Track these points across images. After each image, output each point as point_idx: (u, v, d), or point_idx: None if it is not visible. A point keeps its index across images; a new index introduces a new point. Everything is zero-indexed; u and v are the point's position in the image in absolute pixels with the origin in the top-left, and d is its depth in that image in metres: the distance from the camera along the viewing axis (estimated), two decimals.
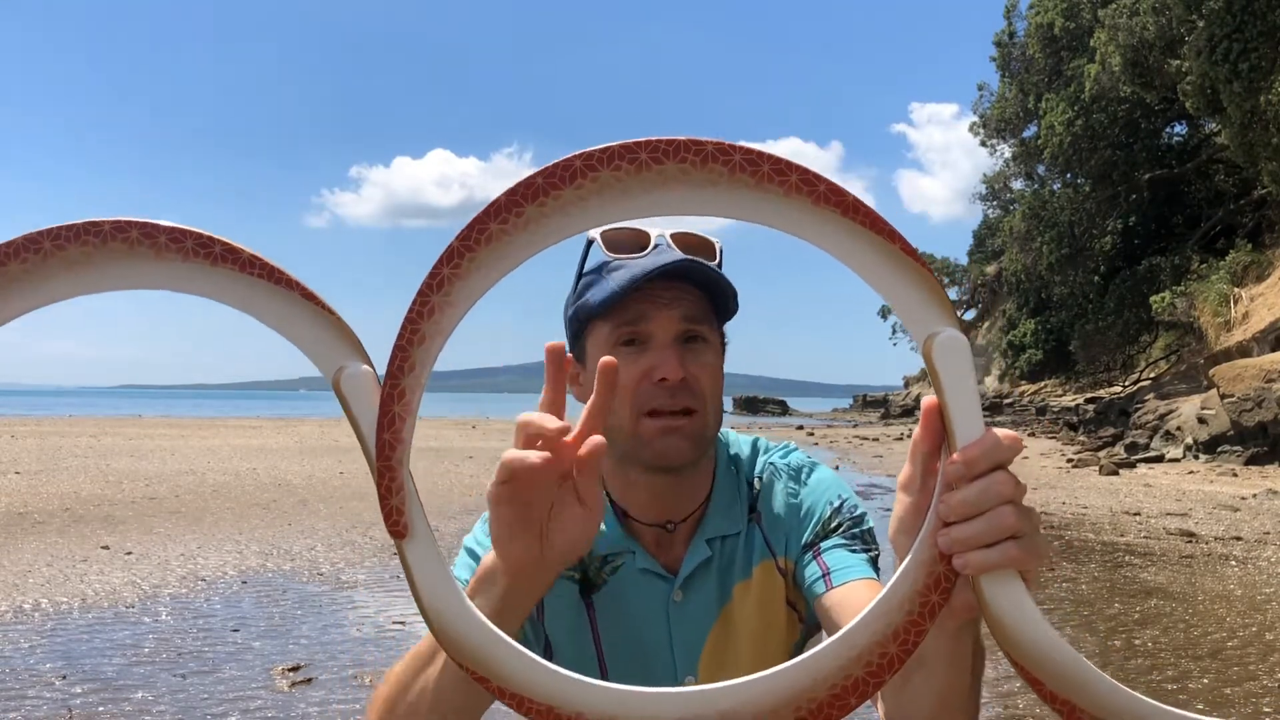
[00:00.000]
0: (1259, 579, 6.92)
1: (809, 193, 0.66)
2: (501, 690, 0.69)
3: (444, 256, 0.67)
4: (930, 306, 0.67)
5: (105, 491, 11.38)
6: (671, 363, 1.11)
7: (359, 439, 0.69)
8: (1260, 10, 16.93)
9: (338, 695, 4.32)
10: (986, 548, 0.66)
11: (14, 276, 0.66)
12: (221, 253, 0.67)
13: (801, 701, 0.67)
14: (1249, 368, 15.01)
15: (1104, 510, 10.40)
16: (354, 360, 0.69)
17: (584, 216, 0.67)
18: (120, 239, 0.66)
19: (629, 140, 0.66)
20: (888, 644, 0.67)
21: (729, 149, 0.65)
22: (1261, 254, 21.59)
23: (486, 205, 0.67)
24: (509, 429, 5.08)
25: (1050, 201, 28.89)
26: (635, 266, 1.12)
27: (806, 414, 60.54)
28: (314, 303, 0.69)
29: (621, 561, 1.21)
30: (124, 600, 6.07)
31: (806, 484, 1.25)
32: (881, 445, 23.58)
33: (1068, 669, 0.67)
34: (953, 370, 0.66)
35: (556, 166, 0.66)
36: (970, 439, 0.66)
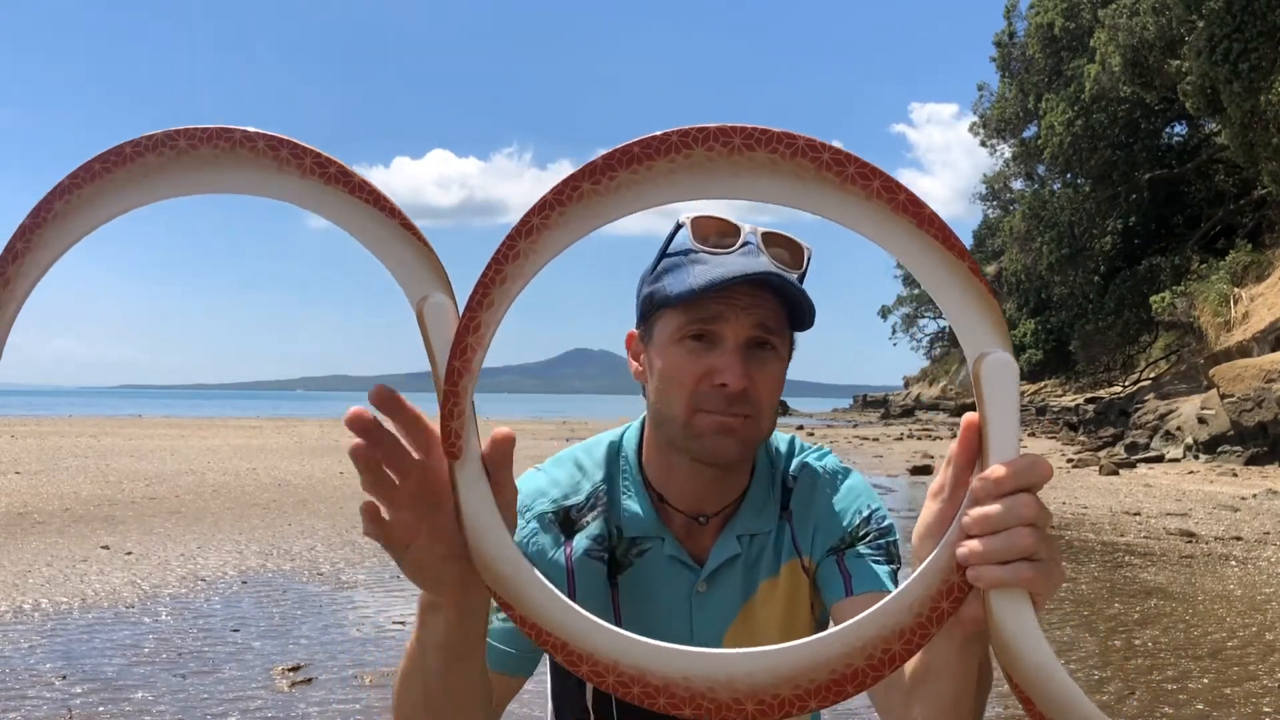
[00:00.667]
0: (1259, 579, 6.92)
1: (889, 200, 0.68)
2: (523, 619, 0.73)
3: (535, 207, 0.70)
4: (987, 327, 0.69)
5: (105, 491, 11.38)
6: (736, 370, 1.09)
7: (432, 366, 0.72)
8: (1260, 10, 16.93)
9: (338, 695, 4.32)
10: (1001, 565, 0.68)
11: (151, 167, 0.71)
12: (336, 174, 0.71)
13: (801, 680, 0.69)
14: (1249, 368, 15.01)
15: (1104, 510, 10.40)
16: (439, 291, 0.72)
17: (672, 189, 0.69)
18: (248, 147, 0.71)
19: (726, 124, 0.69)
20: (892, 641, 0.70)
21: (820, 146, 0.68)
22: (1261, 254, 21.58)
23: (581, 167, 0.70)
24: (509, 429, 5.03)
25: (1050, 201, 28.88)
26: (720, 266, 1.09)
27: (806, 414, 60.53)
28: (411, 232, 0.72)
29: (650, 546, 1.21)
30: (124, 600, 6.07)
31: (840, 489, 1.26)
32: (881, 445, 23.58)
33: (1060, 693, 0.69)
34: (999, 391, 0.69)
35: (654, 138, 0.69)
36: (1004, 459, 0.68)
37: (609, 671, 0.71)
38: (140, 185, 0.71)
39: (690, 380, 1.11)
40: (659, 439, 1.20)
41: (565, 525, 1.21)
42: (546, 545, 1.19)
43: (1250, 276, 21.00)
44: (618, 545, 1.21)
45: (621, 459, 1.25)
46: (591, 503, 1.22)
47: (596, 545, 1.20)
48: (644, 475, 1.23)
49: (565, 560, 1.19)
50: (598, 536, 1.20)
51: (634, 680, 0.70)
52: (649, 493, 1.22)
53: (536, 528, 1.20)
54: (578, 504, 1.22)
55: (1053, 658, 0.69)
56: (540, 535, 1.20)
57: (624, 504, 1.22)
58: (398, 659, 0.98)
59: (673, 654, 0.70)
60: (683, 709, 0.70)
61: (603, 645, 0.71)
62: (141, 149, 0.71)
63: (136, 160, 0.71)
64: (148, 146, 0.71)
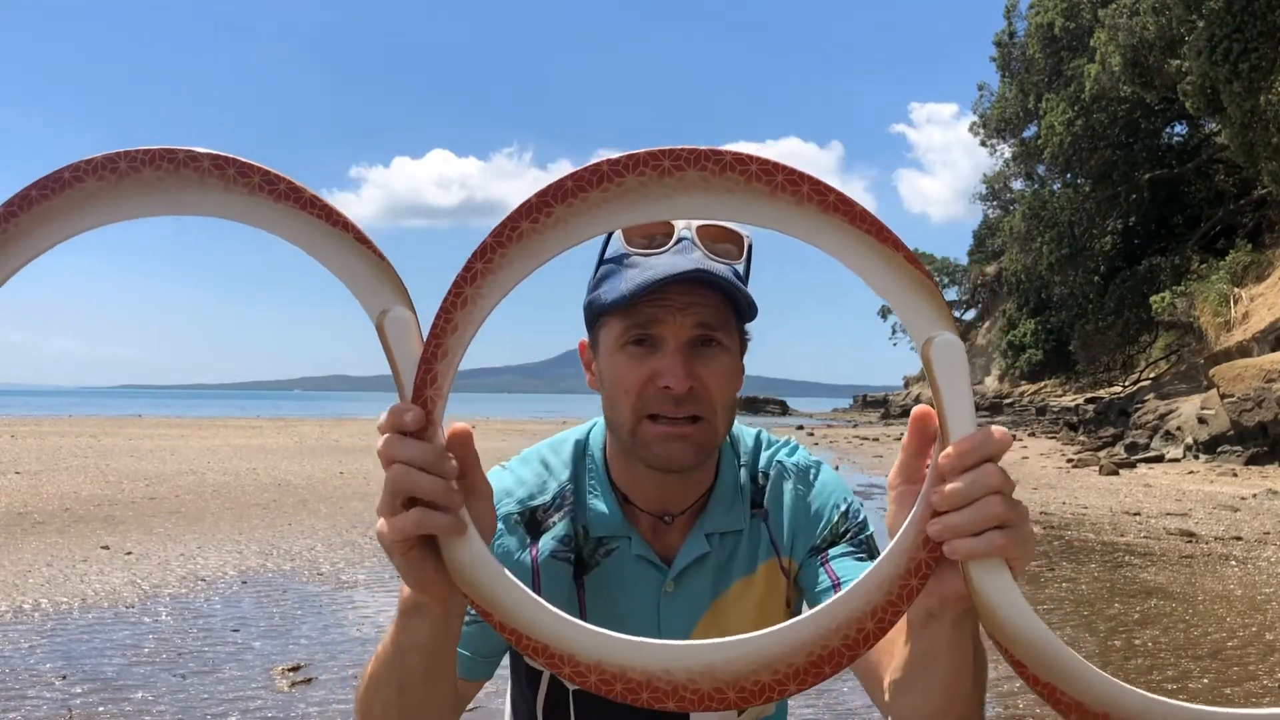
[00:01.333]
0: (1259, 579, 6.92)
1: (819, 202, 0.70)
2: (501, 624, 0.73)
3: (478, 252, 0.71)
4: (930, 311, 0.71)
5: (105, 491, 11.38)
6: (678, 372, 1.07)
7: (396, 381, 0.73)
8: (1260, 10, 16.93)
9: (338, 695, 4.32)
10: (974, 536, 0.70)
11: (91, 192, 0.70)
12: (285, 190, 0.71)
13: (780, 665, 0.71)
14: (1249, 368, 15.01)
15: (1104, 510, 10.40)
16: (398, 304, 0.73)
17: (610, 218, 0.71)
18: (192, 167, 0.70)
19: (653, 148, 0.70)
20: (865, 620, 0.72)
21: (746, 159, 0.70)
22: (1261, 254, 21.58)
23: (519, 205, 0.71)
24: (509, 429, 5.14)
25: (1050, 201, 28.88)
26: (651, 268, 1.08)
27: (806, 414, 60.51)
28: (366, 246, 0.72)
29: (616, 545, 1.20)
30: (124, 600, 6.07)
31: (814, 485, 1.25)
32: (881, 445, 23.58)
33: (1050, 654, 0.70)
34: (948, 371, 0.71)
35: (585, 171, 0.71)
36: (963, 434, 0.71)
37: (591, 671, 0.71)
38: (82, 211, 0.69)
39: (634, 386, 1.10)
40: (616, 443, 1.19)
41: (531, 526, 1.20)
42: (512, 547, 1.18)
43: (1250, 276, 21.00)
44: (584, 545, 1.20)
45: (588, 458, 1.24)
46: (558, 503, 1.21)
47: (563, 546, 1.19)
48: (609, 475, 1.22)
49: (531, 562, 1.18)
50: (564, 537, 1.19)
51: (616, 678, 0.71)
52: (615, 493, 1.21)
53: (502, 529, 1.19)
54: (544, 504, 1.21)
55: (1039, 621, 0.70)
56: (505, 537, 1.19)
57: (590, 503, 1.21)
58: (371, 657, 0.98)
59: (653, 648, 0.71)
60: (666, 702, 0.71)
61: (583, 645, 0.72)
62: (81, 173, 0.69)
63: (76, 186, 0.69)
64: (87, 171, 0.69)
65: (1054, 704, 0.71)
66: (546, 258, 0.72)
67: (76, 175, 0.69)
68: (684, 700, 0.70)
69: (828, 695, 4.44)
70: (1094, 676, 0.70)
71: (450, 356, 0.72)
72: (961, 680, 0.86)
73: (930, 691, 0.88)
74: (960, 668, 0.85)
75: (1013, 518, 0.70)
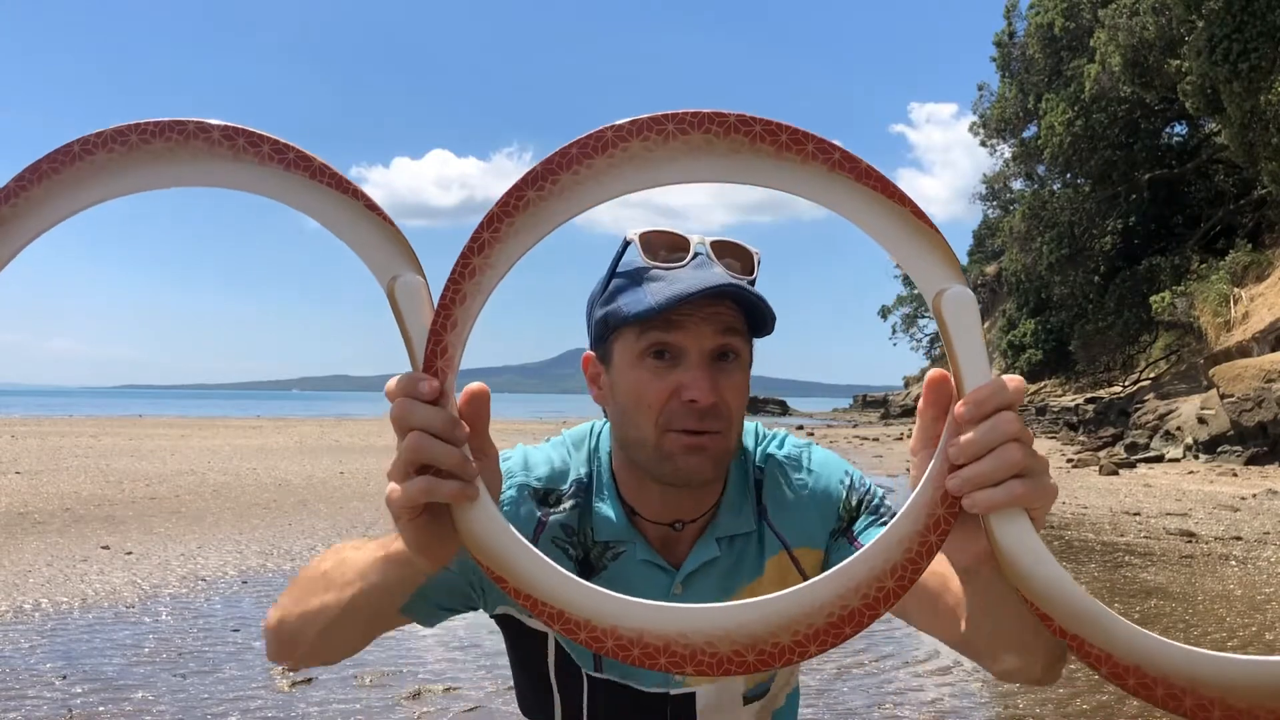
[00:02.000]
0: (1259, 579, 6.92)
1: (824, 160, 0.70)
2: (516, 590, 0.72)
3: (484, 222, 0.71)
4: (940, 264, 0.71)
5: (105, 491, 11.38)
6: (703, 385, 1.07)
7: (408, 347, 0.73)
8: (1260, 10, 16.92)
9: (338, 695, 4.32)
10: (993, 487, 0.69)
11: (101, 165, 0.70)
12: (295, 159, 0.71)
13: (799, 626, 0.70)
14: (1249, 368, 15.01)
15: (1104, 510, 10.40)
16: (409, 270, 0.73)
17: (615, 183, 0.70)
18: (203, 138, 0.70)
19: (657, 113, 0.70)
20: (885, 579, 0.71)
21: (750, 120, 0.70)
22: (1261, 254, 21.58)
23: (524, 174, 0.71)
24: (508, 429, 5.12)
25: (1050, 201, 28.87)
26: (676, 281, 1.07)
27: (806, 414, 60.53)
28: (376, 213, 0.72)
29: (623, 549, 1.20)
30: (124, 600, 6.07)
31: (810, 469, 1.25)
32: (882, 445, 23.58)
33: (1076, 605, 0.70)
34: (961, 323, 0.71)
35: (590, 137, 0.70)
36: (978, 384, 0.70)
37: (608, 635, 0.71)
38: (93, 183, 0.70)
39: (657, 400, 1.08)
40: (624, 458, 1.18)
41: (542, 502, 1.21)
42: (520, 517, 1.19)
43: (1250, 276, 20.99)
44: (591, 548, 1.20)
45: (596, 461, 1.24)
46: (571, 490, 1.21)
47: (564, 535, 1.19)
48: (618, 489, 1.21)
49: (534, 536, 1.18)
50: (568, 526, 1.20)
51: (634, 642, 0.70)
52: (621, 504, 1.21)
53: (515, 496, 1.19)
54: (560, 490, 1.21)
55: (1063, 571, 0.70)
56: (518, 504, 1.19)
57: (597, 507, 1.21)
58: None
59: (670, 611, 0.71)
60: (684, 666, 0.70)
61: (599, 609, 0.71)
62: (91, 146, 0.69)
63: (86, 158, 0.69)
64: (98, 143, 0.69)
65: (1082, 656, 0.70)
66: (553, 226, 0.71)
67: (87, 148, 0.69)
68: (701, 664, 0.70)
69: (828, 695, 4.44)
70: (1123, 628, 0.69)
71: (460, 328, 0.72)
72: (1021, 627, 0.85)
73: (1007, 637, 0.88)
74: (1014, 617, 0.84)
75: (1032, 465, 0.70)
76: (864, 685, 4.55)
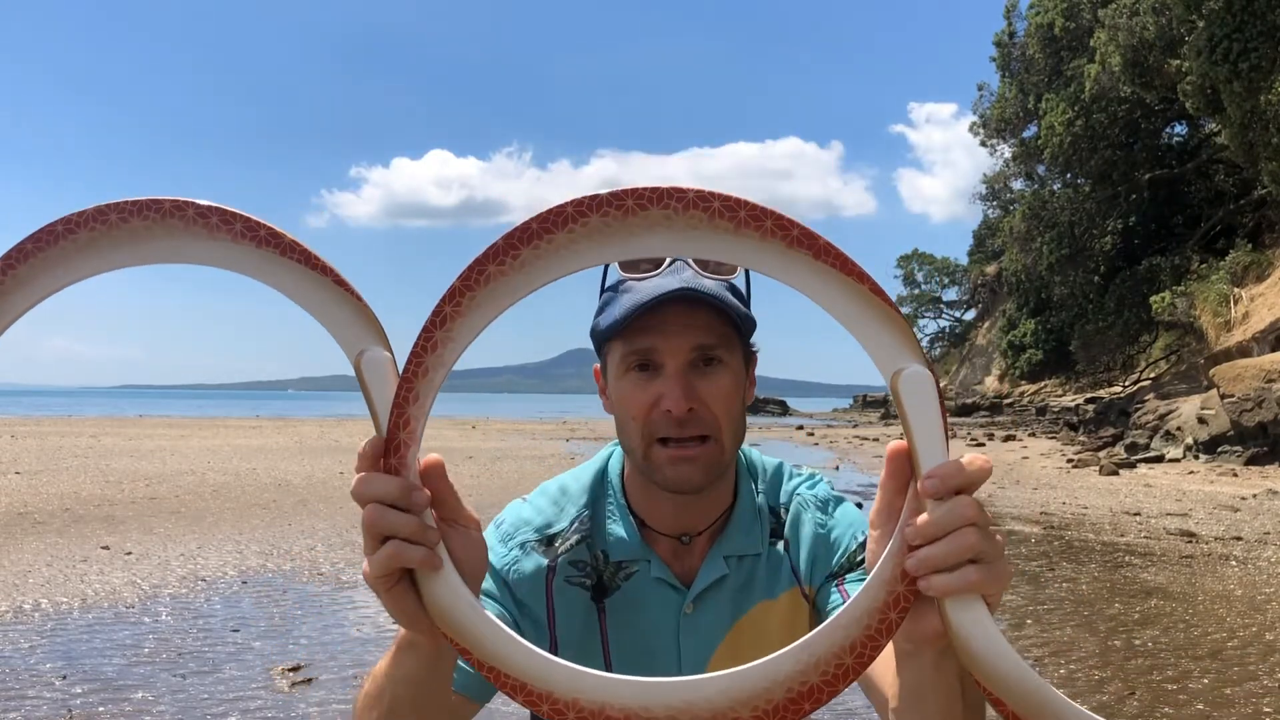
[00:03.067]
0: (1259, 579, 6.92)
1: (783, 237, 0.70)
2: (480, 663, 0.73)
3: (446, 296, 0.72)
4: (897, 344, 0.71)
5: (105, 491, 11.38)
6: (676, 395, 1.09)
7: (373, 419, 0.74)
8: (1260, 10, 16.93)
9: (338, 695, 4.32)
10: (949, 572, 0.69)
11: (84, 244, 0.72)
12: (266, 236, 0.73)
13: (759, 701, 0.70)
14: (1249, 368, 15.01)
15: (1104, 510, 10.40)
16: (375, 345, 0.74)
17: (576, 258, 0.72)
18: (178, 217, 0.72)
19: (616, 189, 0.71)
20: (844, 655, 0.71)
21: (709, 196, 0.70)
22: (1261, 254, 21.59)
23: (485, 249, 0.72)
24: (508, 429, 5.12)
25: (1050, 201, 28.89)
26: (641, 290, 1.10)
27: (806, 414, 60.50)
28: (344, 289, 0.74)
29: (636, 568, 1.21)
30: (124, 600, 6.07)
31: (834, 516, 1.26)
32: (881, 445, 23.56)
33: (1029, 691, 0.70)
34: (919, 403, 0.70)
35: (550, 213, 0.71)
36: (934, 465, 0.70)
37: (569, 709, 0.71)
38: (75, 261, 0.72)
39: (641, 412, 1.11)
40: (635, 469, 1.21)
41: (548, 551, 1.22)
42: (527, 571, 1.20)
43: (1250, 276, 21.00)
44: (604, 570, 1.21)
45: (607, 484, 1.26)
46: (575, 527, 1.23)
47: (577, 571, 1.21)
48: (628, 501, 1.23)
49: (545, 586, 1.20)
50: (578, 562, 1.21)
51: (595, 715, 0.71)
52: (633, 517, 1.22)
53: (519, 555, 1.21)
54: (560, 530, 1.23)
55: (1017, 657, 0.70)
56: (522, 561, 1.21)
57: (609, 528, 1.22)
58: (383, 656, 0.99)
59: (631, 685, 0.71)
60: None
61: (561, 683, 0.72)
62: (73, 226, 0.72)
63: (68, 237, 0.72)
64: (79, 223, 0.72)
65: None
66: (514, 300, 0.72)
67: (70, 227, 0.72)
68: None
69: None
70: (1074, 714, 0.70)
71: (422, 400, 0.73)
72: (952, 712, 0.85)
73: None
74: (950, 704, 0.84)
75: (988, 551, 0.69)
76: None
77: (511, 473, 14.32)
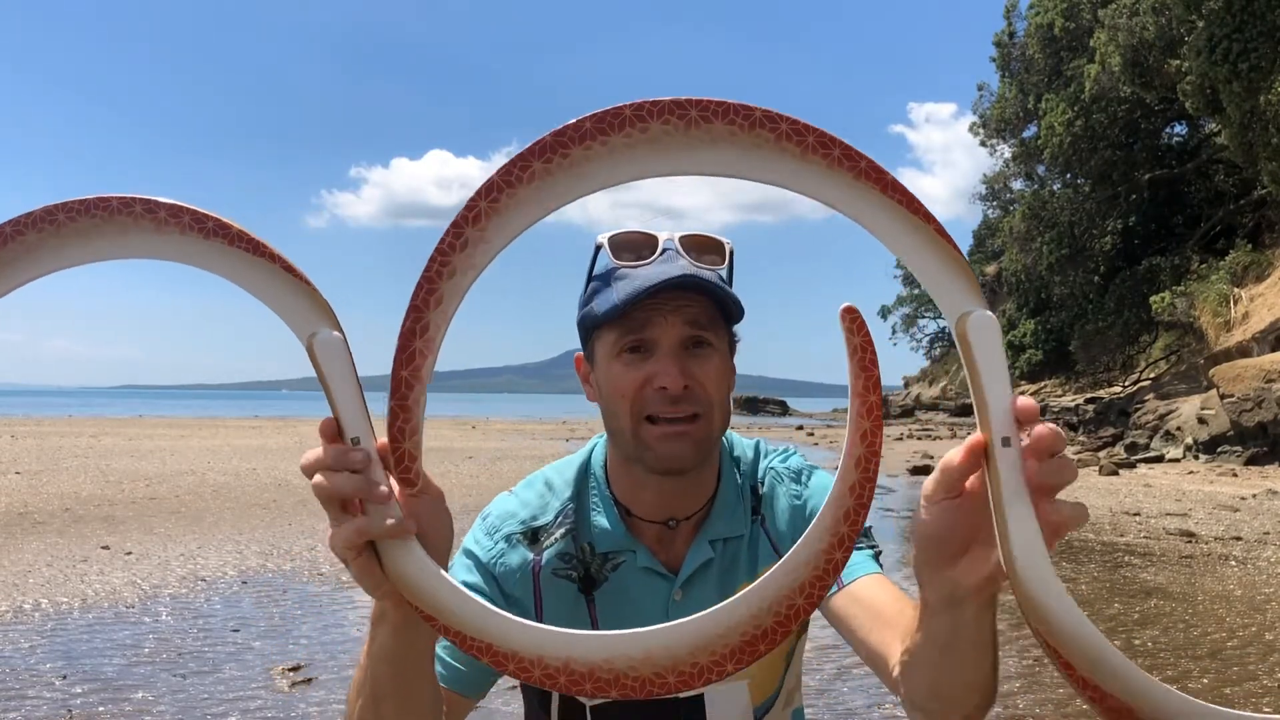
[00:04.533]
0: (1259, 579, 6.92)
1: (850, 168, 0.68)
2: (446, 628, 0.73)
3: (481, 190, 0.68)
4: (962, 286, 0.70)
5: (105, 491, 11.38)
6: (672, 372, 1.11)
7: (329, 400, 0.74)
8: (1260, 10, 16.92)
9: (338, 695, 4.32)
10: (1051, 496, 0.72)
11: (32, 245, 0.72)
12: (213, 228, 0.73)
13: (715, 646, 0.72)
14: (1249, 368, 15.01)
15: (1104, 510, 10.40)
16: (326, 326, 0.73)
17: (629, 165, 0.68)
18: (126, 213, 0.72)
19: (680, 97, 0.67)
20: (795, 596, 0.73)
21: (777, 117, 0.67)
22: (1261, 254, 21.58)
23: (531, 144, 0.68)
24: (508, 429, 5.11)
25: (1050, 201, 28.86)
26: (639, 277, 1.12)
27: (806, 414, 60.50)
28: (292, 274, 0.73)
29: (623, 559, 1.22)
30: (124, 600, 6.07)
31: (808, 485, 1.28)
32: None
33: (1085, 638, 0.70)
34: (986, 348, 0.70)
35: (607, 113, 0.67)
36: (1002, 410, 0.70)
37: (535, 666, 0.72)
38: (23, 262, 0.72)
39: (631, 389, 1.13)
40: (618, 455, 1.22)
41: (533, 544, 1.23)
42: (513, 564, 1.21)
43: (1250, 276, 20.99)
44: (591, 562, 1.22)
45: (590, 476, 1.27)
46: (559, 520, 1.24)
47: (563, 563, 1.22)
48: (611, 491, 1.24)
49: (532, 579, 1.21)
50: (564, 554, 1.22)
51: (559, 670, 0.71)
52: (617, 507, 1.23)
53: (505, 547, 1.22)
54: (545, 523, 1.24)
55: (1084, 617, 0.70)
56: (508, 554, 1.22)
57: (593, 520, 1.23)
58: None
59: (592, 639, 0.72)
60: (609, 690, 0.71)
61: (525, 642, 0.72)
62: (21, 228, 0.72)
63: (16, 239, 0.72)
64: (27, 225, 0.72)
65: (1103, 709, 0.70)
66: (558, 203, 0.68)
67: (17, 229, 0.72)
68: (625, 688, 0.71)
69: (828, 695, 4.44)
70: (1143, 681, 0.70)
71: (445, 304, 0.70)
72: (984, 669, 0.86)
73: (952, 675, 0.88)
74: (983, 657, 0.85)
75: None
76: (864, 685, 4.55)
77: (511, 473, 14.32)
